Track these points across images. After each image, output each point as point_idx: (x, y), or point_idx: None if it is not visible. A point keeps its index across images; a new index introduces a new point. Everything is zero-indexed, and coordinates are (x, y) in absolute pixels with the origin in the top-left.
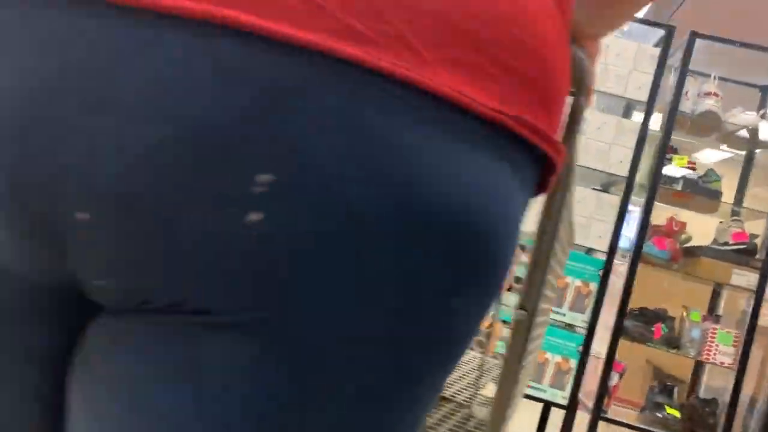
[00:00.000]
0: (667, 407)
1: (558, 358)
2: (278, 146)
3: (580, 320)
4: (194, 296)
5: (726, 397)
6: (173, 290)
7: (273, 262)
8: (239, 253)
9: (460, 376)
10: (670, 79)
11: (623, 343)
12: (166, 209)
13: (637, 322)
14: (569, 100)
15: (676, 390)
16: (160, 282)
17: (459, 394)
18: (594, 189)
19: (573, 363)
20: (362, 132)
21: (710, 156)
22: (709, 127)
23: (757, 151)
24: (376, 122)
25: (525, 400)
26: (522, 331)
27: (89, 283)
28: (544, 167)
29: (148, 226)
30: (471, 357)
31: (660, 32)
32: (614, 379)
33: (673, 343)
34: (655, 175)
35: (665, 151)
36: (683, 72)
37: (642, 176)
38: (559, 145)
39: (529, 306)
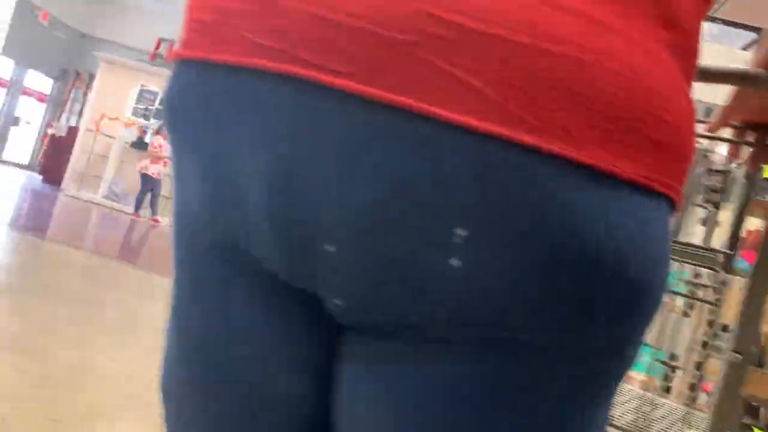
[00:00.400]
0: (755, 429)
1: (642, 376)
2: (471, 209)
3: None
4: (412, 317)
5: None
6: (393, 311)
7: (472, 297)
8: (447, 287)
9: (666, 427)
10: None
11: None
12: (390, 250)
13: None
14: None
15: (762, 410)
16: (381, 304)
17: None
18: None
19: (657, 381)
20: (537, 197)
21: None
22: None
23: None
24: (548, 191)
25: None
26: (734, 375)
27: (330, 301)
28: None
29: (375, 260)
30: (674, 408)
31: (752, 35)
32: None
33: (761, 361)
34: (749, 185)
35: None
36: None
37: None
38: (682, 195)
39: (743, 349)
